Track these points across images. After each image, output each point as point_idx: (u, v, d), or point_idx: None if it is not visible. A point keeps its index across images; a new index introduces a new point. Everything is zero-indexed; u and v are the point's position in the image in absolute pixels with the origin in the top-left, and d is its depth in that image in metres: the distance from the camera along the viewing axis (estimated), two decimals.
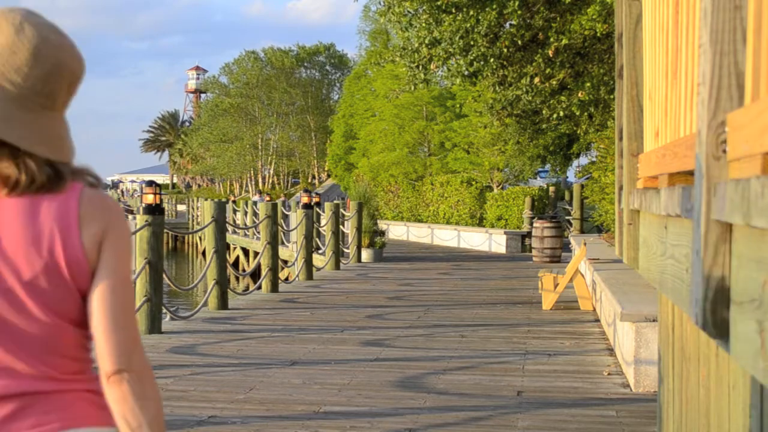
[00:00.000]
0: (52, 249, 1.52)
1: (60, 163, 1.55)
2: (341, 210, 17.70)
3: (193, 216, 44.80)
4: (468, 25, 12.72)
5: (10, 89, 1.50)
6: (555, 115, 14.37)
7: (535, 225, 19.19)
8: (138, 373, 1.55)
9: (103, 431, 1.57)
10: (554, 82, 13.87)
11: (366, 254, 18.88)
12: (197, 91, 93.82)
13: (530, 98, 14.18)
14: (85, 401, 1.57)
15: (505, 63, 13.78)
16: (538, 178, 36.07)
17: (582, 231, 21.60)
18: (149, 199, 9.32)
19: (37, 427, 1.50)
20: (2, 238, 1.51)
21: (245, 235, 29.23)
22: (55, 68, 1.54)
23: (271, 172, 69.33)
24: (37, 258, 1.51)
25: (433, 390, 6.21)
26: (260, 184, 66.42)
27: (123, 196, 70.91)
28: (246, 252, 30.33)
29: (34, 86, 1.52)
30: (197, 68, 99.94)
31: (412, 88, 14.83)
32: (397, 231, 28.48)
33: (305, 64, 66.92)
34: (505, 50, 13.26)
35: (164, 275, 9.27)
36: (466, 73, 13.22)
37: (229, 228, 23.40)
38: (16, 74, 1.51)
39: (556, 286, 10.61)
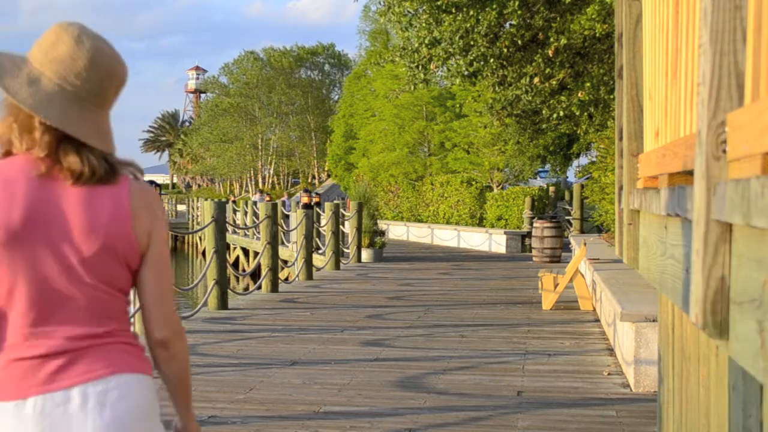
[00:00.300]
0: (108, 234, 1.84)
1: (111, 157, 1.87)
2: (341, 210, 17.70)
3: (193, 216, 44.78)
4: (468, 25, 12.71)
5: (70, 90, 1.81)
6: (555, 115, 14.36)
7: (535, 225, 19.19)
8: (178, 337, 1.96)
9: (140, 377, 1.89)
10: (554, 82, 13.86)
11: (366, 254, 18.88)
12: (197, 91, 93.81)
13: (530, 98, 14.17)
14: (125, 352, 1.88)
15: (505, 63, 13.77)
16: (538, 178, 36.07)
17: (582, 231, 21.61)
18: None
19: (86, 373, 1.81)
20: (67, 223, 1.81)
21: (245, 235, 29.23)
22: (107, 74, 1.86)
23: (271, 172, 69.33)
24: (96, 241, 1.83)
25: (433, 390, 6.21)
26: (260, 184, 66.44)
27: None
28: (246, 252, 30.33)
29: (91, 89, 1.83)
30: (197, 68, 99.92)
31: (412, 88, 14.83)
32: (397, 231, 28.48)
33: (305, 64, 66.89)
34: (505, 50, 13.26)
35: None
36: (465, 73, 13.22)
37: (229, 228, 23.41)
38: (76, 78, 1.81)
39: (556, 286, 10.61)
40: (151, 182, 10.20)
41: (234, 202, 38.43)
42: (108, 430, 1.80)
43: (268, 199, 32.78)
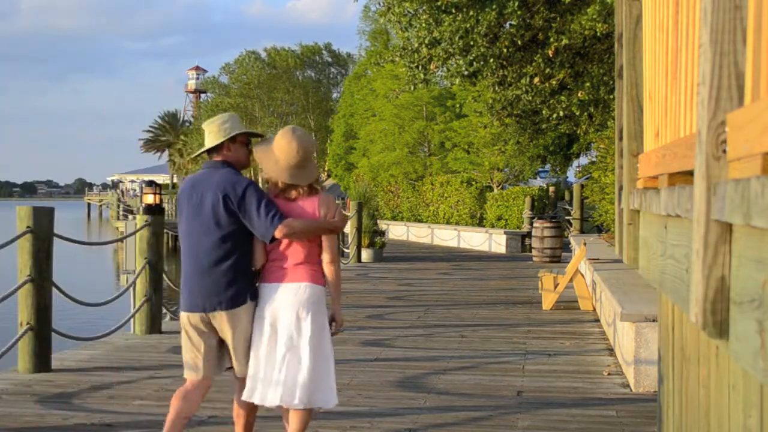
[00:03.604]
0: (312, 218, 4.21)
1: (315, 183, 4.27)
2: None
3: None
4: (468, 25, 12.70)
5: (296, 164, 4.15)
6: (555, 115, 14.35)
7: (535, 225, 19.19)
8: (337, 262, 4.26)
9: (318, 286, 4.20)
10: (554, 82, 13.86)
11: (366, 254, 18.87)
12: (197, 91, 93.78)
13: (530, 98, 14.17)
14: (317, 272, 4.21)
15: (504, 63, 13.76)
16: (538, 178, 36.06)
17: (582, 231, 21.60)
18: (149, 199, 9.32)
19: (295, 278, 4.15)
20: (302, 215, 4.18)
21: None
22: (306, 152, 4.18)
23: None
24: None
25: (433, 390, 6.21)
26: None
27: (123, 196, 70.80)
28: None
29: (304, 162, 4.17)
30: (197, 68, 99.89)
31: (412, 88, 14.81)
32: (397, 231, 28.47)
33: (307, 62, 66.80)
34: (505, 50, 13.25)
35: (164, 275, 9.26)
36: (465, 73, 13.21)
37: None
38: (296, 157, 4.16)
39: (556, 286, 10.61)
40: (151, 182, 10.19)
41: None
42: (300, 301, 4.13)
43: None
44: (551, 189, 27.62)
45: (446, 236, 25.43)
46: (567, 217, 24.01)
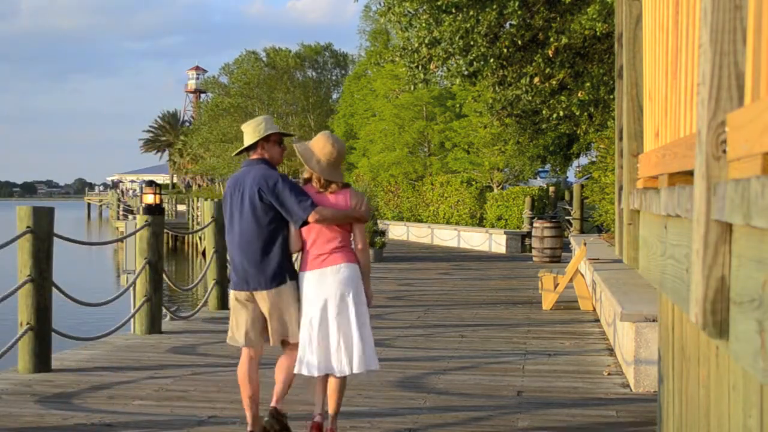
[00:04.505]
0: (345, 209, 4.92)
1: (342, 180, 4.98)
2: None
3: (193, 216, 44.76)
4: (468, 25, 12.70)
5: (331, 163, 4.89)
6: (555, 115, 14.35)
7: (535, 225, 19.18)
8: (366, 248, 4.97)
9: (354, 264, 4.86)
10: (554, 82, 13.85)
11: None
12: (197, 91, 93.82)
13: (530, 98, 14.16)
14: (349, 254, 4.89)
15: (504, 63, 13.76)
16: (538, 178, 36.05)
17: (582, 231, 21.60)
18: (149, 199, 9.32)
19: (334, 261, 4.81)
20: (337, 206, 4.88)
21: None
22: (339, 153, 4.93)
23: None
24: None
25: (433, 390, 6.21)
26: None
27: (123, 196, 70.80)
28: None
29: (336, 161, 4.92)
30: (197, 68, 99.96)
31: (412, 88, 14.80)
32: (397, 231, 28.46)
33: (306, 62, 66.76)
34: (505, 50, 13.24)
35: (164, 275, 9.26)
36: (465, 73, 13.20)
37: None
38: (331, 157, 4.88)
39: (556, 286, 10.61)
40: (151, 182, 10.26)
41: None
42: (341, 280, 4.76)
43: None
44: (551, 189, 27.62)
45: (446, 236, 25.42)
46: (567, 217, 24.00)
